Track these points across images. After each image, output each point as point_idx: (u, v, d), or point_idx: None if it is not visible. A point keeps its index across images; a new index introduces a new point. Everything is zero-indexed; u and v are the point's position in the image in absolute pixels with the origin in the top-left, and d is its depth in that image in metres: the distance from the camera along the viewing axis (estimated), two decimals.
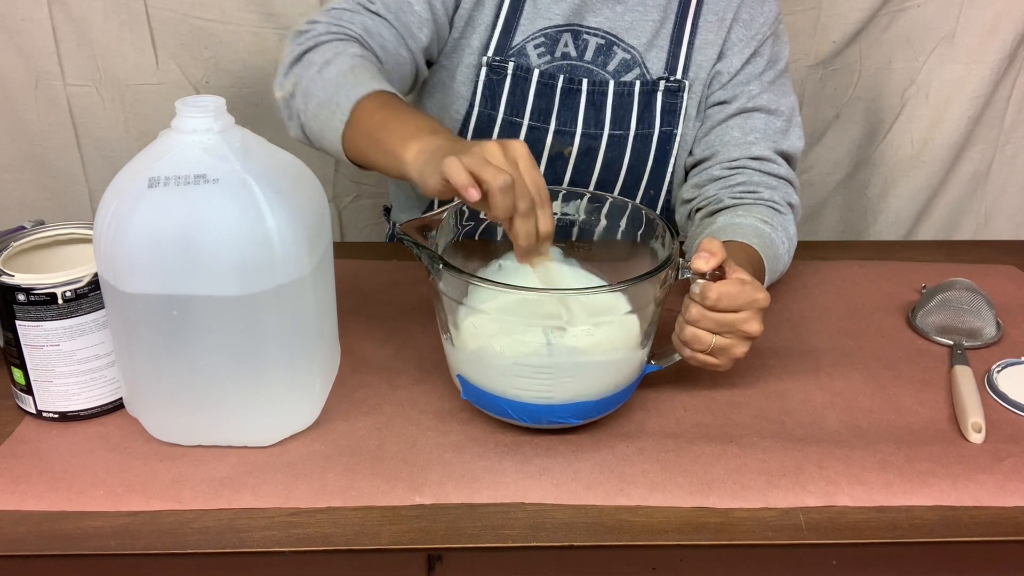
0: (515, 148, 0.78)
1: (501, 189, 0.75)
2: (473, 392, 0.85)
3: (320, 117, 0.96)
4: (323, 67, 0.98)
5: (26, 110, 1.49)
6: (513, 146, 0.78)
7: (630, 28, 1.14)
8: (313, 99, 0.97)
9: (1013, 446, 0.86)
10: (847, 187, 1.72)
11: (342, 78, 0.96)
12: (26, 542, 0.73)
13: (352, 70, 0.97)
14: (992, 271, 1.20)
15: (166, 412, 0.82)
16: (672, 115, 1.16)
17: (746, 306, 0.83)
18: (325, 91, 0.96)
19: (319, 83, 0.97)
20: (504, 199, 0.75)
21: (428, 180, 0.80)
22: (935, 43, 1.56)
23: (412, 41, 1.09)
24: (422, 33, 1.09)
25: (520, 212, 0.77)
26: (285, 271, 0.78)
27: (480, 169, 0.75)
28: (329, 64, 0.98)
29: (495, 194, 0.75)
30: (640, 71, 1.15)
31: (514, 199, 0.76)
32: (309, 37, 1.02)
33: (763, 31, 1.16)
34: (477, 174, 0.75)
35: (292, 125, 1.02)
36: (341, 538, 0.74)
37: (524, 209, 0.77)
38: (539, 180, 0.78)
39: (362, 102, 0.93)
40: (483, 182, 0.75)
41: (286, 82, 1.01)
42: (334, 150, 0.96)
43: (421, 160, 0.82)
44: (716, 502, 0.79)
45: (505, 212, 0.76)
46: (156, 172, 0.75)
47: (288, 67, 1.02)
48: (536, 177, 0.78)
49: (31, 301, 0.80)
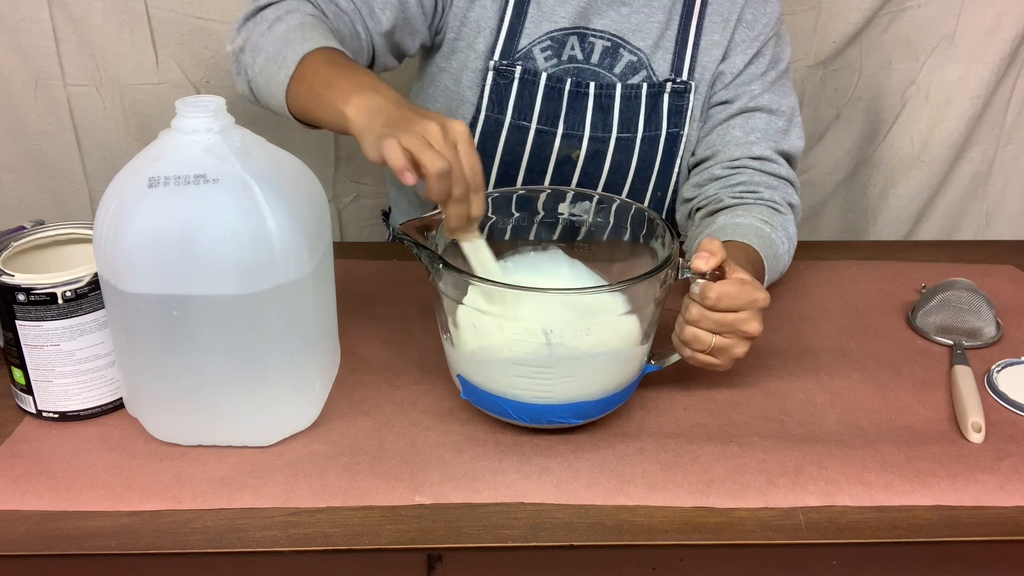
0: (455, 129, 0.80)
1: (438, 175, 0.77)
2: (473, 392, 0.85)
3: (267, 72, 0.97)
4: (274, 23, 0.99)
5: (26, 110, 1.49)
6: (454, 126, 0.80)
7: (636, 30, 1.14)
8: (261, 54, 0.98)
9: (1013, 446, 0.86)
10: (847, 187, 1.72)
11: (291, 33, 0.96)
12: (26, 542, 0.73)
13: (301, 27, 0.97)
14: (992, 271, 1.20)
15: (166, 412, 0.82)
16: (679, 116, 1.16)
17: (746, 306, 0.83)
18: (273, 46, 0.97)
19: (268, 38, 0.98)
20: (441, 184, 0.77)
21: (368, 150, 0.81)
22: (935, 43, 1.56)
23: (371, 20, 1.08)
24: (383, 15, 1.08)
25: (454, 197, 0.79)
26: (285, 271, 0.78)
27: (419, 152, 0.77)
28: (280, 20, 0.99)
29: (432, 179, 0.77)
30: (647, 73, 1.15)
31: (450, 184, 0.78)
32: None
33: (766, 31, 1.16)
34: (417, 155, 0.77)
35: (240, 80, 1.03)
36: (341, 538, 0.74)
37: (459, 195, 0.79)
38: (476, 164, 0.80)
39: (308, 57, 0.93)
40: (421, 166, 0.77)
41: (237, 37, 1.02)
42: (278, 105, 0.97)
43: (363, 119, 0.83)
44: (716, 502, 0.79)
45: (440, 196, 0.79)
46: (156, 172, 0.75)
47: (241, 22, 1.03)
48: (473, 161, 0.80)
49: (31, 301, 0.80)
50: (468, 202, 0.80)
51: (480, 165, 0.81)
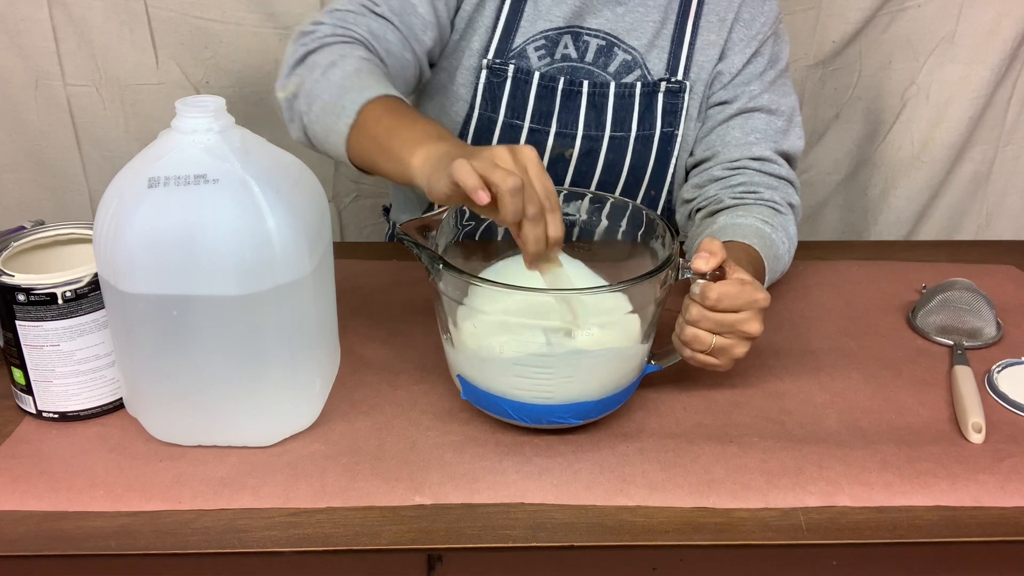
0: (524, 153, 0.78)
1: (511, 192, 0.74)
2: (473, 392, 0.85)
3: (324, 120, 0.95)
4: (328, 69, 0.97)
5: (26, 110, 1.49)
6: (522, 151, 0.78)
7: (631, 29, 1.14)
8: (317, 101, 0.96)
9: (1013, 446, 0.86)
10: (847, 187, 1.72)
11: (347, 81, 0.95)
12: (26, 542, 0.73)
13: (358, 73, 0.96)
14: (992, 271, 1.20)
15: (166, 412, 0.82)
16: (673, 116, 1.16)
17: (746, 306, 0.83)
18: (330, 94, 0.95)
19: (323, 85, 0.96)
20: (513, 202, 0.74)
21: (436, 185, 0.79)
22: (935, 43, 1.56)
23: (416, 44, 1.08)
24: (426, 36, 1.09)
25: (529, 216, 0.76)
26: (285, 271, 0.78)
27: (489, 172, 0.74)
28: (334, 66, 0.97)
29: (504, 197, 0.74)
30: (641, 72, 1.15)
31: (523, 203, 0.75)
32: (314, 38, 1.02)
33: (764, 31, 1.16)
34: (486, 177, 0.74)
35: (294, 127, 1.02)
36: (341, 538, 0.74)
37: (533, 213, 0.76)
38: (549, 185, 0.78)
39: (368, 106, 0.92)
40: (492, 185, 0.74)
41: (288, 83, 1.01)
42: (337, 154, 0.96)
43: (428, 166, 0.82)
44: (716, 502, 0.79)
45: (514, 216, 0.75)
46: (156, 172, 0.75)
47: (291, 68, 1.01)
48: (546, 182, 0.78)
49: (31, 301, 0.80)
50: (543, 222, 0.77)
51: (553, 186, 0.78)
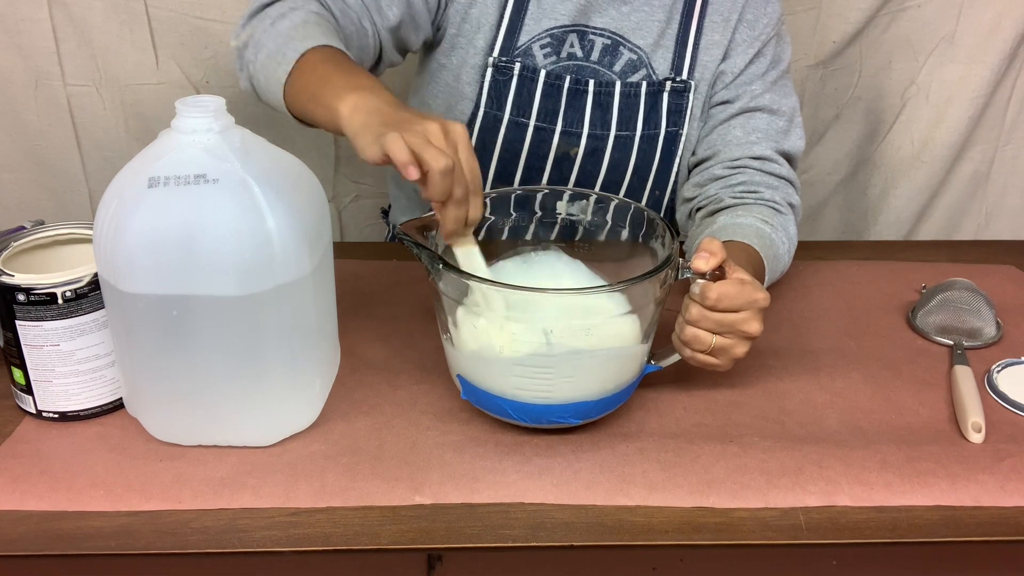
0: (456, 131, 0.80)
1: (441, 172, 0.76)
2: (473, 392, 0.85)
3: (267, 68, 0.97)
4: (277, 20, 0.99)
5: (26, 110, 1.49)
6: (454, 128, 0.80)
7: (636, 28, 1.14)
8: (263, 50, 0.98)
9: (1013, 446, 0.86)
10: (847, 187, 1.72)
11: (293, 31, 0.97)
12: (26, 542, 0.73)
13: (304, 24, 0.97)
14: (992, 271, 1.20)
15: (166, 412, 0.82)
16: (678, 115, 1.16)
17: (746, 306, 0.83)
18: (275, 43, 0.97)
19: (271, 35, 0.98)
20: (443, 182, 0.77)
21: (367, 148, 0.80)
22: (935, 43, 1.56)
23: (378, 16, 1.08)
24: (391, 11, 1.08)
25: (455, 198, 0.78)
26: (285, 271, 0.78)
27: (422, 149, 0.76)
28: (283, 17, 0.99)
29: (434, 177, 0.76)
30: (646, 71, 1.15)
31: (452, 184, 0.77)
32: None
33: (767, 31, 1.16)
34: (419, 154, 0.76)
35: (242, 76, 1.04)
36: (341, 538, 0.74)
37: (459, 196, 0.79)
38: (475, 167, 0.80)
39: (307, 54, 0.93)
40: (424, 163, 0.76)
41: (242, 33, 1.02)
42: (277, 101, 0.97)
43: (357, 119, 0.83)
44: (716, 502, 0.79)
45: (442, 195, 0.78)
46: (156, 172, 0.75)
47: (247, 19, 1.03)
48: (473, 163, 0.80)
49: (31, 301, 0.80)
50: (467, 204, 0.80)
51: (479, 168, 0.81)
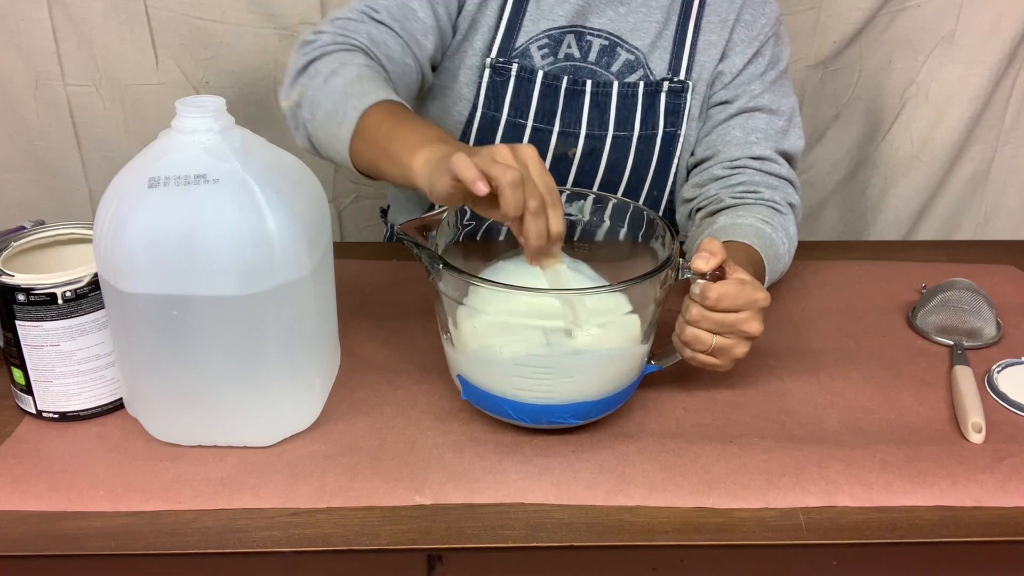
0: (524, 151, 0.78)
1: (510, 184, 0.74)
2: (473, 392, 0.85)
3: (327, 127, 0.96)
4: (329, 77, 0.97)
5: (26, 110, 1.49)
6: (523, 149, 0.78)
7: (633, 29, 1.14)
8: (320, 109, 0.97)
9: (1013, 446, 0.86)
10: (847, 187, 1.72)
11: (349, 88, 0.95)
12: (26, 542, 0.73)
13: (359, 79, 0.96)
14: (992, 271, 1.20)
15: (166, 412, 0.82)
16: (676, 116, 1.16)
17: (746, 306, 0.83)
18: (332, 101, 0.96)
19: (325, 93, 0.97)
20: (514, 195, 0.74)
21: (437, 184, 0.79)
22: (935, 43, 1.56)
23: (418, 49, 1.08)
24: (427, 40, 1.09)
25: (531, 210, 0.76)
26: (285, 271, 0.78)
27: (488, 166, 0.75)
28: (335, 74, 0.97)
29: (504, 189, 0.74)
30: (644, 72, 1.15)
31: (524, 196, 0.75)
32: (315, 47, 1.02)
33: (765, 31, 1.16)
34: (486, 171, 0.74)
35: (299, 135, 1.02)
36: (341, 538, 0.74)
37: (535, 207, 0.76)
38: (550, 181, 0.78)
39: (369, 111, 0.92)
40: (492, 179, 0.74)
41: (292, 92, 1.01)
42: (341, 160, 0.96)
43: (430, 168, 0.82)
44: (716, 502, 0.79)
45: (515, 209, 0.75)
46: (156, 172, 0.75)
47: (294, 77, 1.02)
48: (547, 178, 0.77)
49: (31, 301, 0.80)
50: (544, 216, 0.77)
51: (554, 183, 0.78)
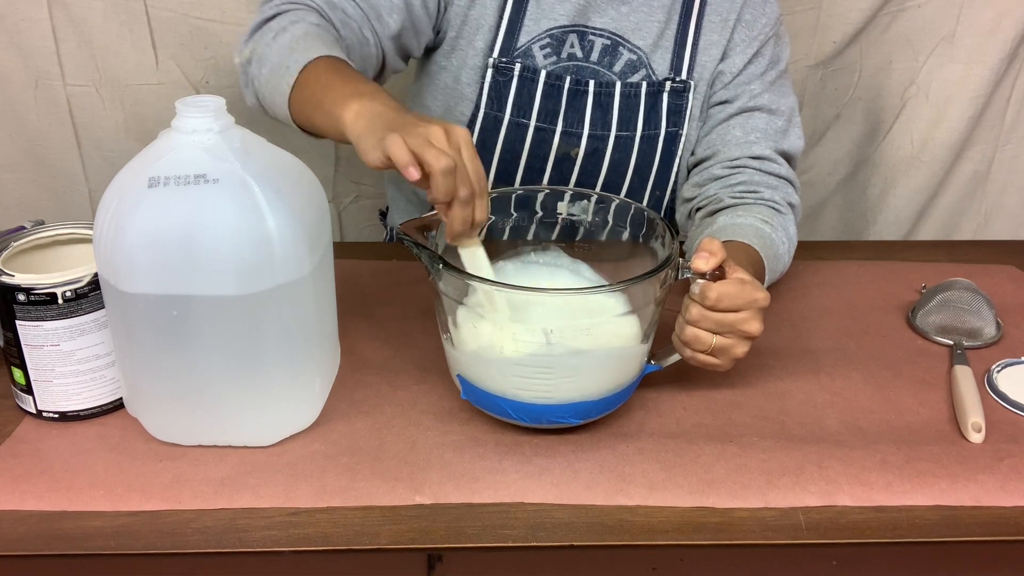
0: (458, 133, 0.79)
1: (443, 172, 0.76)
2: (473, 392, 0.85)
3: (271, 82, 0.97)
4: (279, 33, 0.99)
5: (26, 110, 1.49)
6: (456, 131, 0.80)
7: (635, 29, 1.14)
8: (266, 64, 0.98)
9: (1013, 446, 0.86)
10: (847, 187, 1.72)
11: (295, 43, 0.97)
12: (26, 542, 0.73)
13: (305, 36, 0.98)
14: (992, 271, 1.20)
15: (166, 412, 0.82)
16: (678, 116, 1.16)
17: (746, 306, 0.83)
18: (278, 56, 0.97)
19: (273, 48, 0.98)
20: (445, 182, 0.76)
21: (369, 152, 0.80)
22: (935, 43, 1.56)
23: (379, 24, 1.08)
24: (391, 19, 1.08)
25: (460, 198, 0.78)
26: (285, 271, 0.78)
27: (423, 151, 0.76)
28: (285, 31, 0.99)
29: (436, 177, 0.76)
30: (646, 72, 1.15)
31: (455, 183, 0.77)
32: (271, 6, 1.04)
33: (765, 32, 1.16)
34: (419, 155, 0.76)
35: (248, 92, 1.04)
36: (341, 538, 0.74)
37: (464, 196, 0.78)
38: (480, 168, 0.80)
39: (310, 65, 0.93)
40: (425, 164, 0.76)
41: (245, 49, 1.03)
42: (283, 115, 0.97)
43: (360, 124, 0.83)
44: (716, 502, 0.79)
45: (445, 195, 0.77)
46: (156, 172, 0.75)
47: (249, 35, 1.04)
48: (477, 165, 0.80)
49: (31, 301, 0.80)
50: (472, 205, 0.80)
51: (483, 170, 0.80)
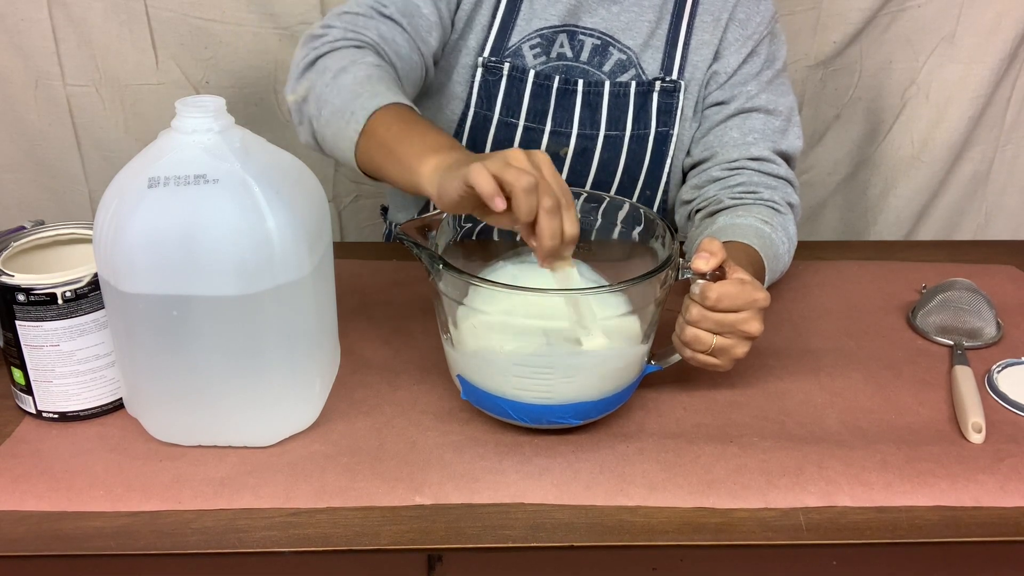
0: (538, 156, 0.77)
1: (525, 189, 0.73)
2: (473, 392, 0.85)
3: (333, 124, 0.95)
4: (338, 74, 0.97)
5: (26, 110, 1.49)
6: (536, 154, 0.77)
7: (626, 28, 1.14)
8: (327, 106, 0.96)
9: (1013, 446, 0.86)
10: (847, 187, 1.72)
11: (359, 87, 0.95)
12: (26, 542, 0.73)
13: (369, 79, 0.96)
14: (992, 271, 1.20)
15: (166, 412, 0.82)
16: (668, 115, 1.16)
17: (746, 306, 0.83)
18: (340, 98, 0.95)
19: (334, 90, 0.96)
20: (528, 199, 0.73)
21: (447, 189, 0.78)
22: (935, 43, 1.56)
23: (424, 46, 1.08)
24: (431, 37, 1.09)
25: (546, 208, 0.74)
26: (285, 271, 0.78)
27: (503, 171, 0.74)
28: (345, 71, 0.97)
29: (519, 194, 0.73)
30: (636, 71, 1.15)
31: (537, 199, 0.74)
32: (324, 42, 1.01)
33: (759, 30, 1.16)
34: (500, 176, 0.74)
35: (303, 130, 1.01)
36: (341, 538, 0.74)
37: (550, 206, 0.75)
38: (563, 184, 0.77)
39: (378, 113, 0.92)
40: (506, 183, 0.74)
41: (299, 86, 1.00)
42: (346, 159, 0.95)
43: (439, 175, 0.81)
44: (716, 502, 0.79)
45: (527, 214, 0.74)
46: (156, 172, 0.75)
47: (302, 72, 1.01)
48: (560, 181, 0.77)
49: (31, 301, 0.80)
50: (559, 216, 0.76)
51: (567, 187, 0.77)
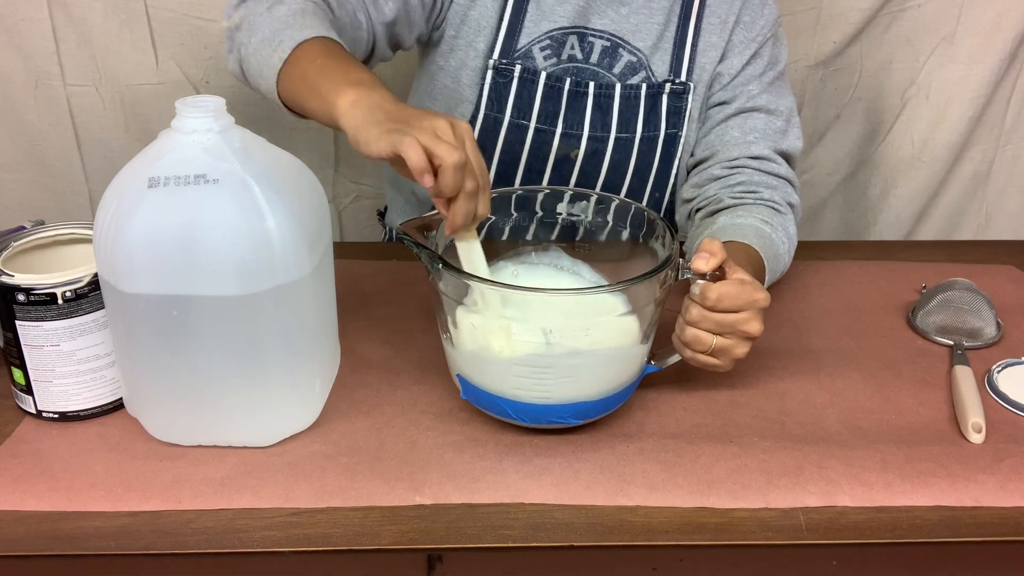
0: (462, 127, 0.79)
1: (455, 167, 0.76)
2: (473, 392, 0.85)
3: (260, 52, 0.96)
4: (273, 5, 0.98)
5: (26, 110, 1.49)
6: (460, 125, 0.79)
7: (635, 30, 1.14)
8: (257, 34, 0.97)
9: (1013, 446, 0.86)
10: (847, 187, 1.72)
11: (291, 18, 0.96)
12: (26, 542, 0.73)
13: (303, 13, 0.97)
14: (992, 271, 1.20)
15: (166, 412, 0.82)
16: (677, 117, 1.16)
17: (746, 306, 0.83)
18: (271, 28, 0.96)
19: (267, 19, 0.97)
20: (455, 178, 0.76)
21: (372, 143, 0.79)
22: (935, 43, 1.56)
23: (374, 9, 1.07)
24: (387, 6, 1.07)
25: (466, 192, 0.78)
26: (285, 271, 0.78)
27: (434, 145, 0.76)
28: (280, 3, 0.98)
29: (448, 171, 0.76)
30: (646, 74, 1.15)
31: (463, 179, 0.77)
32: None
33: (763, 33, 1.16)
34: (430, 149, 0.76)
35: (231, 58, 1.02)
36: (341, 538, 0.74)
37: (471, 188, 0.78)
38: (483, 162, 0.80)
39: (305, 44, 0.92)
40: (436, 158, 0.76)
41: (235, 14, 1.01)
42: (268, 87, 0.96)
43: (357, 114, 0.82)
44: (716, 502, 0.79)
45: (452, 191, 0.77)
46: (156, 172, 0.75)
47: (240, 1, 1.02)
48: (480, 159, 0.80)
49: (31, 301, 0.80)
50: (476, 199, 0.79)
51: (485, 164, 0.81)
